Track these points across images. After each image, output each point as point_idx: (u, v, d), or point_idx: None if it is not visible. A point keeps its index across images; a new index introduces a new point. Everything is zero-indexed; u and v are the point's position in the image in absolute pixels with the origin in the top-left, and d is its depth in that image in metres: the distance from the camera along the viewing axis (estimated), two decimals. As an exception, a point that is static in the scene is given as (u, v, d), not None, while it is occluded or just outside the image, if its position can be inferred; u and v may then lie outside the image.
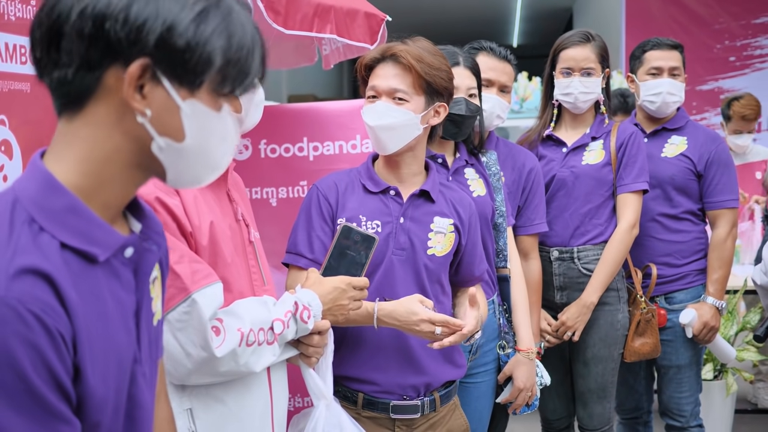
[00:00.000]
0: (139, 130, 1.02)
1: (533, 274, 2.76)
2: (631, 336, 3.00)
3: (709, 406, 3.95)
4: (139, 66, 0.98)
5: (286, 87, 12.08)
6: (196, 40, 1.00)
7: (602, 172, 2.95)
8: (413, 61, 2.00)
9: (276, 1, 2.20)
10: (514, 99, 6.84)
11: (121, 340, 1.04)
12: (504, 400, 2.54)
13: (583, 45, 2.93)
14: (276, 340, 1.64)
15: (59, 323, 0.94)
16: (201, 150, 1.06)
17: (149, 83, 1.00)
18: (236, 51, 1.04)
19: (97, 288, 1.01)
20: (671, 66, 3.13)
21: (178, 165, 1.06)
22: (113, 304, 1.03)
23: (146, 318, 1.11)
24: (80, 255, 0.99)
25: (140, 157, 1.03)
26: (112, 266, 1.04)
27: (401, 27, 2.38)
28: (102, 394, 1.01)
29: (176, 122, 1.03)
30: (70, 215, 0.99)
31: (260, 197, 2.87)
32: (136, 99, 1.00)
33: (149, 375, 1.13)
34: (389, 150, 2.06)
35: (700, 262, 3.16)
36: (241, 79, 1.06)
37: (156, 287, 1.16)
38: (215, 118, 1.06)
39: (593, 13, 10.28)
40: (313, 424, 1.84)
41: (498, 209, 2.54)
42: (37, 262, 0.94)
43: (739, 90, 7.17)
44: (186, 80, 1.01)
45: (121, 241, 1.04)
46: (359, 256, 1.88)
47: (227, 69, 1.03)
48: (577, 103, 2.96)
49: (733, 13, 7.36)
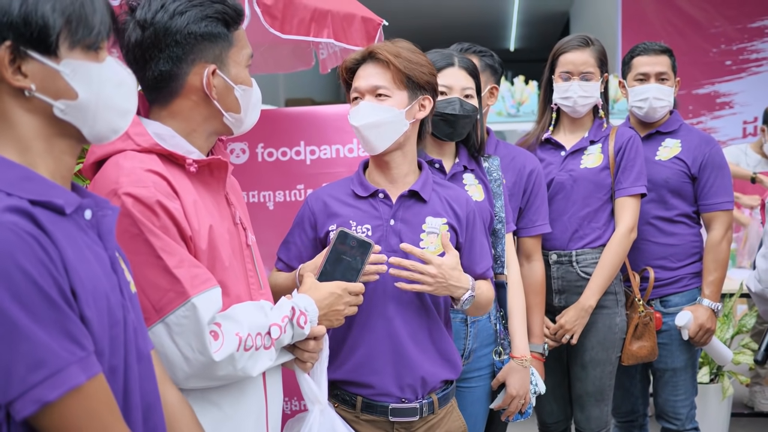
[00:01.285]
0: (37, 103, 1.14)
1: (536, 276, 2.77)
2: (629, 339, 3.01)
3: (705, 409, 3.96)
4: (4, 49, 1.10)
5: (283, 90, 12.07)
6: (26, 10, 1.10)
7: (600, 176, 2.96)
8: (391, 56, 2.03)
9: (273, 6, 2.21)
10: (511, 103, 6.85)
11: (104, 281, 1.16)
12: (497, 407, 2.53)
13: (582, 49, 2.95)
14: (273, 345, 1.64)
15: (49, 247, 1.06)
16: (100, 100, 1.18)
17: (22, 61, 1.11)
18: (71, 4, 1.14)
19: (71, 234, 1.13)
20: (658, 71, 3.14)
21: (87, 120, 1.18)
22: (89, 252, 1.15)
23: (121, 276, 1.23)
24: (49, 208, 1.11)
25: (52, 125, 1.16)
26: (77, 223, 1.16)
27: (399, 31, 2.40)
28: (97, 321, 1.11)
29: (62, 84, 1.14)
30: (26, 182, 1.11)
31: (257, 201, 2.87)
32: (18, 79, 1.12)
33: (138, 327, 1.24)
34: (378, 149, 2.06)
35: (695, 265, 3.17)
36: (88, 30, 1.16)
37: (123, 263, 1.29)
38: (100, 68, 1.18)
39: (590, 18, 10.30)
40: (307, 429, 1.85)
41: (497, 215, 2.54)
42: (17, 203, 1.07)
43: (736, 94, 7.21)
44: (42, 47, 1.12)
45: (77, 200, 1.16)
46: (355, 262, 1.88)
47: (71, 24, 1.14)
48: (576, 107, 2.97)
49: (729, 16, 7.37)
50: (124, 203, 1.49)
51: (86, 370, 1.07)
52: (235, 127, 1.71)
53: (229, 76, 1.64)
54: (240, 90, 1.66)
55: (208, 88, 1.62)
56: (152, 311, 1.50)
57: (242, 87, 1.66)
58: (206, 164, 1.66)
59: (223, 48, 1.63)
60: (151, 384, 1.27)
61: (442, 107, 2.38)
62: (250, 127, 1.75)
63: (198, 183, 1.65)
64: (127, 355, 1.19)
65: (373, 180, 2.15)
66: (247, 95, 1.68)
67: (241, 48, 1.67)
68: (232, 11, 1.65)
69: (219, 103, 1.65)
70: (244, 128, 1.73)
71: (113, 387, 1.15)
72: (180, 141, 1.64)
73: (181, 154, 1.62)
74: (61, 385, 1.04)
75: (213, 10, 1.61)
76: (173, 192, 1.56)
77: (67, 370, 1.05)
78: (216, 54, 1.63)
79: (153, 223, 1.50)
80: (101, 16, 1.18)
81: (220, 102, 1.65)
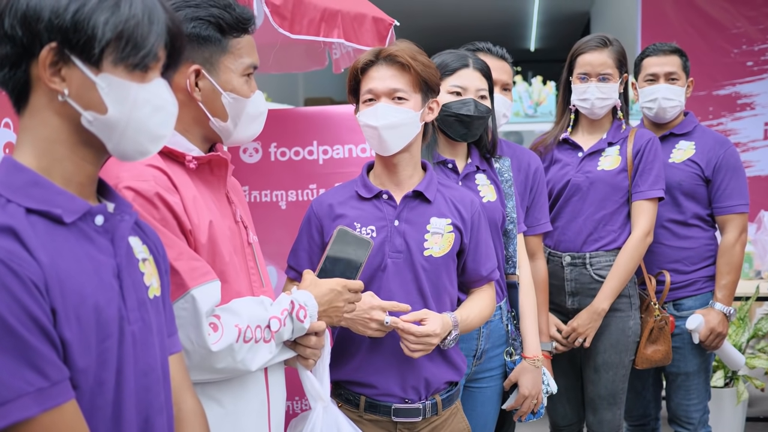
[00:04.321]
0: (68, 109, 1.14)
1: (540, 274, 2.76)
2: (644, 343, 2.98)
3: (719, 413, 3.93)
4: (48, 50, 1.10)
5: (302, 90, 12.11)
6: (79, 17, 1.10)
7: (617, 179, 2.94)
8: (411, 60, 2.03)
9: (282, 6, 2.22)
10: (528, 103, 6.82)
11: (97, 293, 1.13)
12: (509, 407, 2.53)
13: (600, 50, 2.92)
14: (273, 338, 1.66)
15: (29, 270, 1.04)
16: (131, 120, 1.16)
17: (65, 65, 1.12)
18: (125, 23, 1.13)
19: (66, 245, 1.11)
20: (667, 71, 3.11)
21: (113, 137, 1.16)
22: (87, 262, 1.13)
23: (132, 283, 1.21)
24: (46, 217, 1.11)
25: (80, 134, 1.15)
26: (82, 230, 1.15)
27: (418, 30, 2.41)
28: (80, 338, 1.09)
29: (96, 96, 1.14)
30: (32, 187, 1.11)
31: (270, 200, 2.89)
32: (53, 81, 1.12)
33: (142, 339, 1.21)
34: (393, 150, 2.07)
35: (709, 268, 3.14)
36: (136, 50, 1.15)
37: (148, 266, 1.27)
38: (139, 89, 1.16)
39: (611, 18, 10.24)
40: (310, 427, 1.86)
41: (509, 215, 2.54)
42: (2, 220, 1.06)
43: (758, 95, 7.12)
44: (86, 56, 1.12)
45: (85, 207, 1.15)
46: (355, 260, 1.89)
47: (121, 41, 1.13)
48: (593, 109, 2.95)
49: (751, 17, 7.29)
50: (125, 197, 1.49)
51: (43, 401, 1.03)
52: (224, 135, 1.70)
53: (217, 81, 1.64)
54: (229, 97, 1.65)
55: (190, 88, 1.62)
56: None
57: (232, 95, 1.65)
58: (206, 162, 1.68)
59: (213, 52, 1.63)
60: (155, 397, 1.23)
61: (457, 108, 2.38)
62: (243, 139, 1.73)
63: (198, 180, 1.66)
64: (121, 368, 1.16)
65: (379, 181, 2.15)
66: (237, 105, 1.67)
67: (239, 57, 1.66)
68: (232, 18, 1.63)
69: (204, 106, 1.65)
70: (234, 139, 1.71)
71: (100, 400, 1.12)
72: (180, 139, 1.65)
73: (180, 151, 1.63)
74: (5, 417, 1.00)
75: (207, 12, 1.61)
76: (173, 186, 1.57)
77: (17, 402, 1.01)
78: (205, 57, 1.63)
79: (152, 215, 1.52)
80: (156, 38, 1.17)
81: (205, 105, 1.65)
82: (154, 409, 1.23)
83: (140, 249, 1.27)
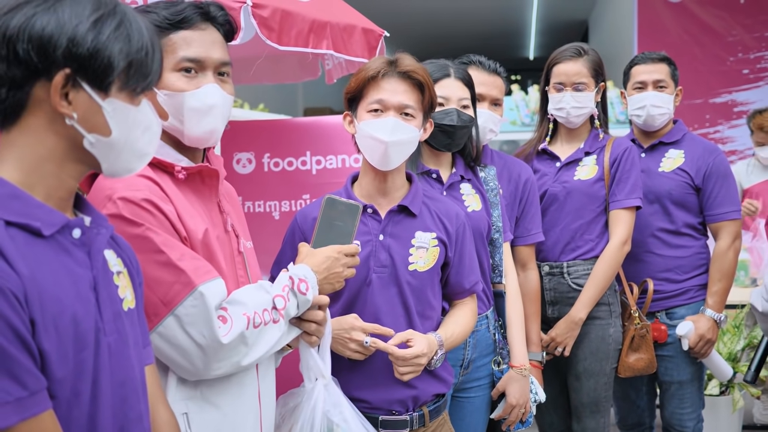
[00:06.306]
0: (71, 131, 1.17)
1: (531, 285, 2.76)
2: (625, 351, 2.98)
3: (715, 422, 3.92)
4: (63, 76, 1.14)
5: (302, 100, 12.16)
6: (97, 47, 1.15)
7: (594, 188, 2.94)
8: (427, 81, 2.05)
9: (269, 18, 2.22)
10: (525, 112, 6.83)
11: (74, 304, 1.16)
12: (497, 416, 2.53)
13: (575, 60, 2.93)
14: (282, 317, 1.69)
15: (9, 282, 1.07)
16: (127, 141, 1.22)
17: (72, 90, 1.15)
18: (136, 52, 1.19)
19: (44, 258, 1.14)
20: (655, 79, 3.13)
21: (109, 157, 1.22)
22: (64, 274, 1.16)
23: (108, 295, 1.24)
24: (25, 230, 1.13)
25: (75, 153, 1.19)
26: (60, 243, 1.18)
27: (417, 40, 2.42)
28: (58, 349, 1.11)
29: (101, 120, 1.18)
30: (11, 200, 1.14)
31: (263, 210, 2.90)
32: (63, 105, 1.15)
33: (117, 350, 1.23)
34: (393, 166, 2.07)
35: (701, 277, 3.14)
36: (143, 77, 1.22)
37: (122, 279, 1.30)
38: (136, 112, 1.22)
39: (608, 26, 10.27)
40: (312, 403, 1.87)
41: (494, 224, 2.54)
42: None
43: (754, 103, 7.13)
44: (97, 83, 1.17)
45: (63, 220, 1.18)
46: (346, 226, 1.92)
47: (130, 69, 1.19)
48: (569, 118, 2.96)
49: (747, 25, 7.31)
50: (120, 207, 1.53)
51: (21, 411, 1.05)
52: (178, 135, 1.68)
53: None
54: (162, 95, 1.65)
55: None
56: (161, 306, 1.54)
57: (165, 92, 1.65)
58: (197, 172, 1.69)
59: None
60: (132, 407, 1.25)
61: (440, 118, 2.37)
62: (200, 136, 1.68)
63: (188, 190, 1.68)
64: (97, 379, 1.18)
65: (365, 193, 2.14)
66: (173, 100, 1.65)
67: (170, 53, 1.64)
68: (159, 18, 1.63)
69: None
70: (189, 137, 1.68)
71: (76, 411, 1.14)
72: (169, 150, 1.67)
73: (169, 162, 1.65)
74: None
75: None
76: (166, 196, 1.60)
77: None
78: None
79: (149, 221, 1.55)
80: (158, 65, 1.23)
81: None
82: (130, 419, 1.25)
83: (115, 262, 1.29)
